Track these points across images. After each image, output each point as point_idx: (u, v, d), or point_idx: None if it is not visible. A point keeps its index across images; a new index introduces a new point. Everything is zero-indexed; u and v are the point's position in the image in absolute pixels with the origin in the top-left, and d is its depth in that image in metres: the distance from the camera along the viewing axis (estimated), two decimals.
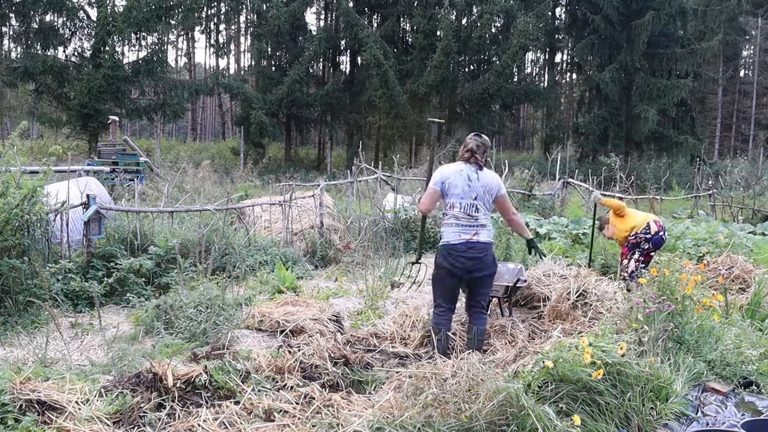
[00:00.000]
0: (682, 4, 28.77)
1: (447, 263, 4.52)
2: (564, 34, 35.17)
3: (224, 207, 8.28)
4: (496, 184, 4.65)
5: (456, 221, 4.54)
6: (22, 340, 4.80)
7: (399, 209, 10.30)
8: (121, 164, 13.88)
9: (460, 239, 4.49)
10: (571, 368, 3.41)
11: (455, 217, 4.54)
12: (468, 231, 4.50)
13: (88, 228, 6.26)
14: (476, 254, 4.49)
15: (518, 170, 16.18)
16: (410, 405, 3.21)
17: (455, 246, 4.49)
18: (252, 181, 18.82)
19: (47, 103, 25.25)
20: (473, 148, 4.60)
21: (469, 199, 4.51)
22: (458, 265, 4.49)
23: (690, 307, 4.57)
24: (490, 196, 4.59)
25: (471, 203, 4.52)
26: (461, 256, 4.48)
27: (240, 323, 5.25)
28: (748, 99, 38.41)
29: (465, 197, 4.51)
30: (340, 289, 6.96)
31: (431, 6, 27.40)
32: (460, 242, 4.49)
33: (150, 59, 24.72)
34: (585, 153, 30.90)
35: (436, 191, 4.61)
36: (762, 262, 7.60)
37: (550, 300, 5.88)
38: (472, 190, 4.52)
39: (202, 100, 40.33)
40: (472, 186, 4.53)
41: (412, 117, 26.76)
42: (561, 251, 8.27)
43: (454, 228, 4.53)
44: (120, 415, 3.30)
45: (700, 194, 15.28)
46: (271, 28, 27.78)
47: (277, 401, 3.57)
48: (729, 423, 3.62)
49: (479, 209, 4.53)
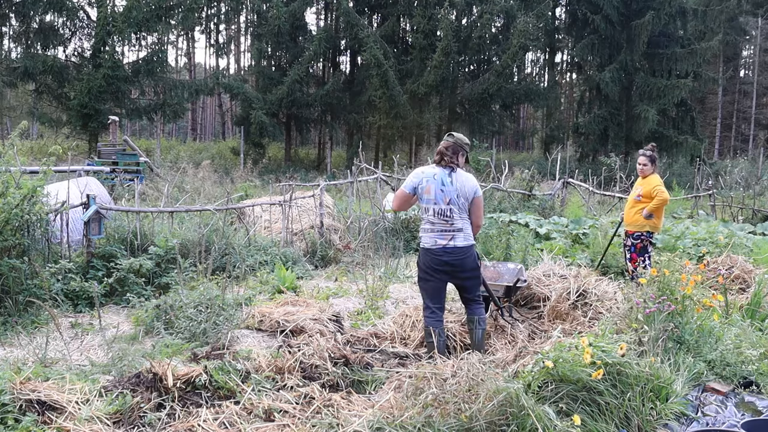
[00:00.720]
0: (682, 4, 28.77)
1: (427, 267, 4.53)
2: (564, 34, 35.16)
3: (224, 207, 8.28)
4: (472, 187, 4.55)
5: (432, 226, 4.51)
6: (22, 340, 4.81)
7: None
8: (121, 164, 13.89)
9: (436, 245, 4.48)
10: (571, 368, 3.41)
11: (431, 222, 4.52)
12: (444, 236, 4.47)
13: (88, 228, 6.26)
14: (454, 259, 4.47)
15: (518, 170, 16.17)
16: (410, 405, 3.21)
17: (433, 251, 4.49)
18: (252, 181, 18.82)
19: (47, 103, 25.25)
20: (442, 150, 4.53)
21: (442, 204, 4.46)
22: (438, 268, 4.49)
23: (690, 307, 4.57)
24: (465, 200, 4.51)
25: (445, 207, 4.46)
26: (440, 260, 4.47)
27: (240, 323, 5.25)
28: (748, 99, 38.40)
29: (438, 202, 4.46)
30: (340, 289, 6.96)
31: (431, 6, 27.39)
32: (437, 248, 4.48)
33: (150, 59, 24.71)
34: (585, 153, 30.90)
35: (405, 194, 4.59)
36: (762, 262, 7.60)
37: (550, 300, 5.88)
38: (445, 194, 4.46)
39: (202, 100, 40.32)
40: (445, 190, 4.46)
41: (412, 117, 26.75)
42: (561, 251, 8.27)
43: (430, 233, 4.52)
44: (120, 415, 3.30)
45: (700, 194, 15.28)
46: (271, 28, 27.78)
47: (277, 401, 3.57)
48: (729, 423, 3.61)
49: (453, 213, 4.47)
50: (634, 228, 6.66)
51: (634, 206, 6.68)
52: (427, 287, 4.61)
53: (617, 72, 28.41)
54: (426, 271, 4.55)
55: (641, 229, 6.60)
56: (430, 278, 4.55)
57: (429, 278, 4.55)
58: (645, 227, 6.58)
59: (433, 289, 4.59)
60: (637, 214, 6.62)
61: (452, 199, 4.46)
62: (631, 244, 6.68)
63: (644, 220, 6.57)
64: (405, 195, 4.59)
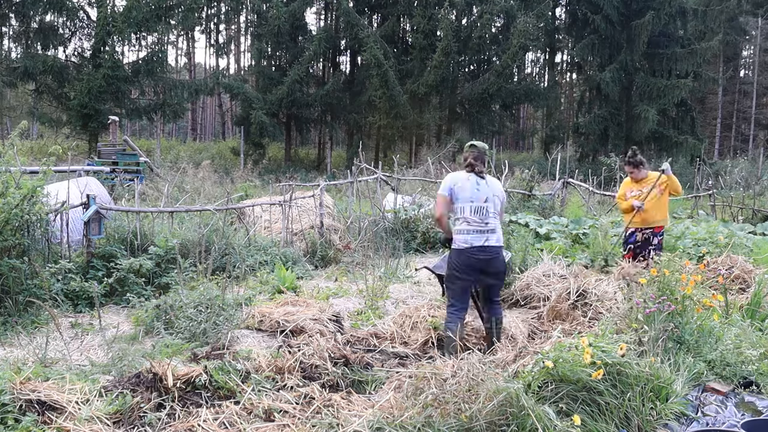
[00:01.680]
0: (682, 4, 28.78)
1: (460, 266, 4.65)
2: (564, 34, 35.17)
3: (224, 207, 8.28)
4: (501, 189, 4.87)
5: (468, 226, 4.64)
6: (22, 340, 4.81)
7: (399, 209, 10.30)
8: (121, 164, 13.89)
9: (472, 245, 4.61)
10: (571, 368, 3.41)
11: (467, 221, 4.64)
12: (479, 238, 4.62)
13: (88, 228, 6.26)
14: (488, 256, 4.64)
15: (518, 170, 16.16)
16: (410, 405, 3.21)
17: (468, 250, 4.62)
18: (252, 181, 18.82)
19: (47, 103, 25.26)
20: (472, 162, 4.75)
21: (479, 202, 4.64)
22: (471, 267, 4.62)
23: (690, 307, 4.57)
24: (498, 200, 4.75)
25: (481, 206, 4.64)
26: (474, 258, 4.61)
27: (240, 323, 5.25)
28: (748, 99, 38.40)
29: (475, 200, 4.65)
30: (340, 289, 6.95)
31: (431, 6, 27.40)
32: (473, 247, 4.61)
33: (150, 59, 24.72)
34: (585, 153, 30.91)
35: (444, 197, 4.75)
36: (762, 262, 7.59)
37: (549, 300, 5.88)
38: (481, 192, 4.66)
39: (202, 100, 40.32)
40: (481, 189, 4.67)
41: (412, 117, 26.76)
42: (561, 251, 8.27)
43: (466, 234, 4.63)
44: (120, 415, 3.30)
45: (700, 194, 15.27)
46: (271, 28, 27.79)
47: (277, 401, 3.57)
48: (729, 423, 3.61)
49: (489, 212, 4.66)
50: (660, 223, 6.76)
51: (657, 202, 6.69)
52: (455, 287, 4.73)
53: (617, 72, 28.42)
54: (458, 270, 4.67)
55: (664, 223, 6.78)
56: (460, 277, 4.67)
57: (460, 277, 4.67)
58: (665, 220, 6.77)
59: (462, 289, 4.71)
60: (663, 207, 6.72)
61: (488, 197, 4.68)
62: (658, 242, 6.72)
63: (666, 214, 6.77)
64: (445, 199, 4.74)
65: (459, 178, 4.73)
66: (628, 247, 6.83)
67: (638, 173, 6.86)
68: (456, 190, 4.68)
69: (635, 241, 6.77)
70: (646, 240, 6.71)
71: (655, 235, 6.71)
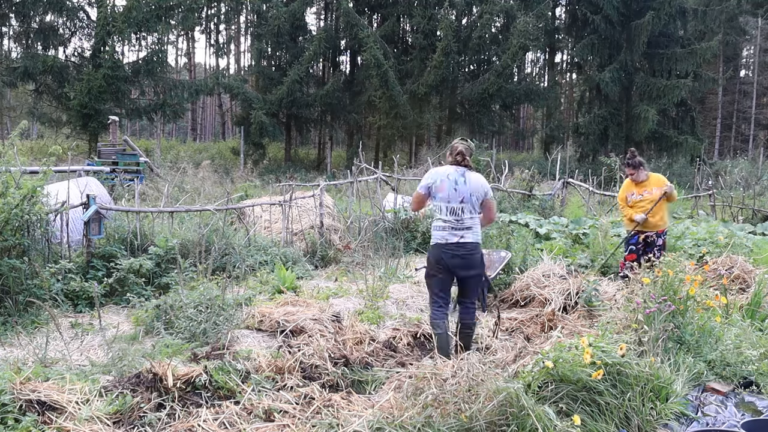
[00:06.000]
0: (682, 4, 28.78)
1: (436, 261, 4.65)
2: (564, 34, 35.16)
3: (224, 207, 8.27)
4: (483, 186, 4.76)
5: (443, 224, 4.64)
6: (22, 340, 4.80)
7: (399, 209, 10.30)
8: (121, 164, 13.89)
9: (447, 241, 4.62)
10: (571, 368, 3.41)
11: (442, 220, 4.66)
12: (455, 234, 4.61)
13: (88, 228, 6.26)
14: (464, 253, 4.61)
15: (518, 170, 16.16)
16: (410, 405, 3.20)
17: (443, 245, 4.63)
18: (252, 181, 18.81)
19: (47, 103, 25.25)
20: (463, 151, 4.72)
21: (455, 203, 4.62)
22: (446, 263, 4.62)
23: (692, 307, 4.57)
24: (477, 199, 4.69)
25: (457, 206, 4.62)
26: (449, 254, 4.61)
27: (240, 323, 5.25)
28: (748, 99, 38.39)
29: (452, 201, 4.62)
30: (340, 289, 6.95)
31: (431, 6, 27.41)
32: (447, 243, 4.62)
33: (150, 59, 24.71)
34: (585, 153, 30.89)
35: (420, 194, 4.79)
36: (762, 262, 7.59)
37: (550, 301, 5.88)
38: (458, 192, 4.62)
39: (202, 100, 40.31)
40: (458, 189, 4.63)
41: (412, 117, 26.75)
42: (561, 251, 8.27)
43: (441, 231, 4.65)
44: (120, 415, 3.30)
45: (700, 194, 15.27)
46: (271, 28, 27.78)
47: (277, 401, 3.57)
48: (729, 423, 3.61)
49: (465, 211, 4.63)
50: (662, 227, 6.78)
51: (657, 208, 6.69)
52: (432, 282, 4.74)
53: (617, 72, 28.41)
54: (434, 266, 4.67)
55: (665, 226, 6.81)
56: (435, 274, 4.67)
57: (435, 274, 4.68)
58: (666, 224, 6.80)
59: (439, 284, 4.71)
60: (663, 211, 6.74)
61: (465, 197, 4.62)
62: (662, 242, 6.74)
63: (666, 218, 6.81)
64: (420, 195, 4.79)
65: (438, 176, 4.68)
66: (630, 249, 6.82)
67: (638, 175, 6.86)
68: (433, 188, 4.67)
69: (637, 242, 6.77)
70: (648, 242, 6.72)
71: (658, 236, 6.73)
